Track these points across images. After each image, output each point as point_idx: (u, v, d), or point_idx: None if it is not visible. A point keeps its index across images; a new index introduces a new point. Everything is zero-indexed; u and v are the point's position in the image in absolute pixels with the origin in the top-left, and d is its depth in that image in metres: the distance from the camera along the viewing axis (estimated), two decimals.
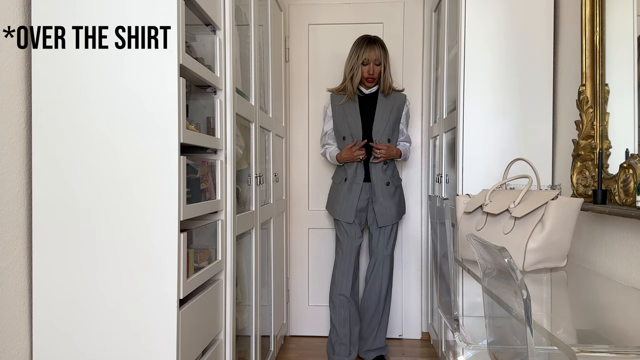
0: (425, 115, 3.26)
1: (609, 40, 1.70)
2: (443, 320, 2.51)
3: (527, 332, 0.94)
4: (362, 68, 2.76)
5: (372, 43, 2.76)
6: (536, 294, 1.37)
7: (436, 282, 1.86)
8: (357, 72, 2.76)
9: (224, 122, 1.81)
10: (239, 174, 2.08)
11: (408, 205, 3.23)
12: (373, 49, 2.74)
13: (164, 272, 1.40)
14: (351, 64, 2.78)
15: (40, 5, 1.41)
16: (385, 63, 2.78)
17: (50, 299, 1.42)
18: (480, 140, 2.22)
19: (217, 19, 1.74)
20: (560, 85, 2.14)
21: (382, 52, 2.76)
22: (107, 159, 1.41)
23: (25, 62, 1.43)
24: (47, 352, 1.43)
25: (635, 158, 1.48)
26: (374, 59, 2.74)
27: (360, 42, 2.78)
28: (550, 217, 1.53)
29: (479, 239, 1.15)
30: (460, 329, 1.53)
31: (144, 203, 1.40)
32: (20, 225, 1.41)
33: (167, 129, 1.39)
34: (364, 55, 2.74)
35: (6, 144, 1.36)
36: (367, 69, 2.76)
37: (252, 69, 2.27)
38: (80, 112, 1.41)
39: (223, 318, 1.83)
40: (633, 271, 1.52)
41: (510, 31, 2.20)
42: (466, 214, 1.84)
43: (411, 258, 3.28)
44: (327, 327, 3.25)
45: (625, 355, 0.91)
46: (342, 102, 2.84)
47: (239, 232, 2.00)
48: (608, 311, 1.29)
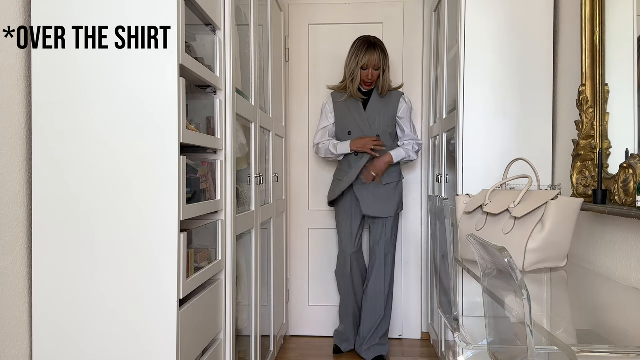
0: (425, 115, 3.25)
1: (609, 40, 1.70)
2: (443, 320, 2.51)
3: (527, 332, 0.94)
4: (361, 72, 2.77)
5: (372, 47, 2.75)
6: (536, 294, 1.37)
7: (436, 282, 1.86)
8: (357, 76, 2.78)
9: (224, 122, 1.81)
10: (239, 174, 2.08)
11: (408, 205, 3.23)
12: (373, 54, 2.74)
13: (164, 272, 1.40)
14: (351, 67, 2.79)
15: (40, 5, 1.41)
16: (384, 67, 2.78)
17: (50, 299, 1.42)
18: (480, 140, 2.22)
19: (217, 19, 1.74)
20: (560, 85, 2.14)
21: (381, 56, 2.76)
22: (107, 158, 1.41)
23: (25, 62, 1.43)
24: (47, 352, 1.43)
25: (635, 158, 1.48)
26: (373, 64, 2.75)
27: (360, 46, 2.77)
28: (550, 217, 1.53)
29: (479, 239, 1.15)
30: (460, 329, 1.53)
31: (144, 203, 1.40)
32: (20, 225, 1.41)
33: (167, 129, 1.39)
34: (364, 60, 2.73)
35: (6, 144, 1.36)
36: (366, 74, 2.77)
37: (252, 69, 2.27)
38: (81, 112, 1.41)
39: (223, 318, 1.83)
40: (633, 271, 1.52)
41: (510, 31, 2.20)
42: (466, 214, 1.84)
43: (411, 258, 3.28)
44: (328, 327, 3.25)
45: (625, 355, 0.91)
46: (344, 99, 2.86)
47: (239, 232, 2.00)
48: (608, 311, 1.29)
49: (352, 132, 2.85)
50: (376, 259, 2.88)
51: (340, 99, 2.88)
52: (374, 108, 2.85)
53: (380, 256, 2.87)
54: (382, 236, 2.87)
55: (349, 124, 2.86)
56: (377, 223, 2.88)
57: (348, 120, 2.87)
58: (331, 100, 2.94)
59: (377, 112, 2.85)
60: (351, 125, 2.86)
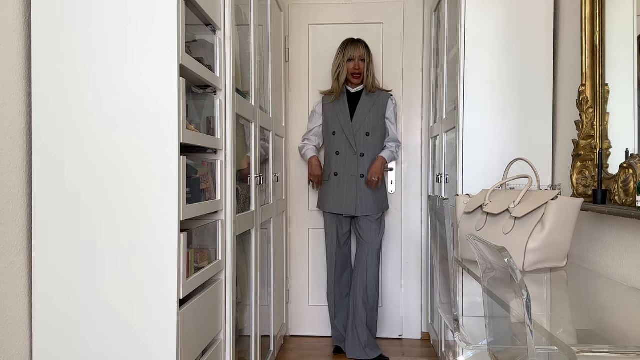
0: (425, 115, 3.26)
1: (609, 40, 1.70)
2: (443, 320, 2.52)
3: (527, 332, 0.94)
4: (347, 65, 2.92)
5: (355, 42, 2.95)
6: (536, 294, 1.37)
7: (436, 282, 1.86)
8: (343, 69, 2.93)
9: (224, 122, 1.81)
10: (239, 174, 2.08)
11: (408, 205, 3.23)
12: (357, 46, 2.93)
13: (164, 272, 1.40)
14: (337, 63, 2.96)
15: (40, 5, 1.41)
16: (368, 61, 2.95)
17: (50, 299, 1.42)
18: (480, 140, 2.22)
19: (217, 19, 1.74)
20: (560, 85, 2.14)
21: (365, 50, 2.94)
22: (106, 158, 1.41)
23: (25, 62, 1.43)
24: (47, 352, 1.43)
25: (635, 158, 1.48)
26: (359, 55, 2.92)
27: (344, 43, 2.98)
28: (550, 217, 1.53)
29: (479, 239, 1.15)
30: (460, 329, 1.53)
31: (144, 203, 1.40)
32: (20, 225, 1.41)
33: (167, 129, 1.39)
34: (349, 53, 2.92)
35: (6, 144, 1.36)
36: (353, 65, 2.92)
37: (252, 69, 2.27)
38: (81, 112, 1.41)
39: (223, 318, 1.83)
40: (633, 271, 1.52)
41: (510, 31, 2.20)
42: (466, 214, 1.84)
43: (411, 258, 3.28)
44: (328, 327, 3.25)
45: (625, 355, 0.91)
46: (331, 100, 2.99)
47: (239, 232, 2.00)
48: (608, 311, 1.29)
49: (336, 132, 2.96)
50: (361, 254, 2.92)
51: (328, 101, 3.02)
52: (364, 108, 2.93)
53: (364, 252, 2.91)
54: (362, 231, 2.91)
55: (334, 125, 2.97)
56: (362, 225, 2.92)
57: (333, 122, 2.98)
58: (321, 103, 3.08)
59: (367, 112, 2.93)
60: (335, 126, 2.97)
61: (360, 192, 2.89)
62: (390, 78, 3.26)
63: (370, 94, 2.95)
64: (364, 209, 2.88)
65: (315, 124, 3.09)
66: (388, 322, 3.28)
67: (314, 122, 3.09)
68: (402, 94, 3.26)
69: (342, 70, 2.92)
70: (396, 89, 3.25)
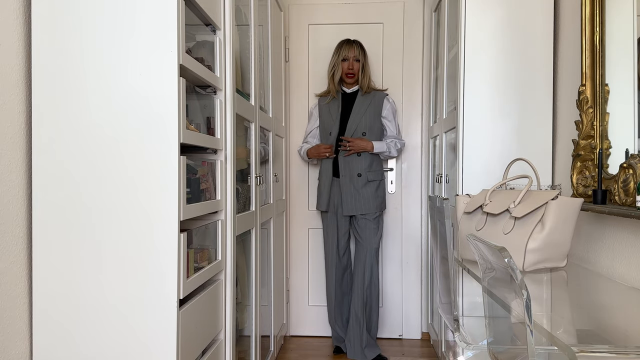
0: (425, 115, 3.26)
1: (609, 40, 1.70)
2: (443, 320, 2.52)
3: (527, 332, 0.94)
4: (342, 64, 2.94)
5: (350, 42, 2.97)
6: (536, 294, 1.37)
7: (436, 282, 1.86)
8: (338, 69, 2.95)
9: (224, 122, 1.81)
10: (239, 174, 2.08)
11: (408, 205, 3.23)
12: (352, 47, 2.95)
13: (164, 272, 1.40)
14: (332, 62, 2.98)
15: (40, 5, 1.41)
16: (363, 61, 2.96)
17: (50, 299, 1.42)
18: (480, 140, 2.22)
19: (217, 19, 1.74)
20: (560, 85, 2.14)
21: (360, 51, 2.96)
22: (106, 159, 1.41)
23: (25, 62, 1.43)
24: (47, 352, 1.43)
25: (635, 158, 1.48)
26: (353, 55, 2.93)
27: (339, 44, 3.00)
28: (550, 217, 1.53)
29: (479, 239, 1.15)
30: (460, 329, 1.53)
31: (144, 203, 1.40)
32: (20, 226, 1.41)
33: (167, 129, 1.39)
34: (344, 53, 2.94)
35: (6, 144, 1.36)
36: (347, 64, 2.94)
37: (252, 69, 2.27)
38: (81, 112, 1.41)
39: (223, 318, 1.83)
40: (633, 271, 1.52)
41: (511, 31, 2.20)
42: (466, 214, 1.84)
43: (411, 258, 3.28)
44: (328, 327, 3.25)
45: (625, 355, 0.91)
46: (327, 101, 3.01)
47: (239, 232, 2.00)
48: (608, 311, 1.29)
49: (332, 133, 2.98)
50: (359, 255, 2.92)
51: (324, 102, 3.05)
52: (359, 108, 2.94)
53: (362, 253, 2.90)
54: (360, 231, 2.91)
55: (330, 126, 2.99)
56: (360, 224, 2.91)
57: (329, 122, 2.99)
58: (317, 105, 3.11)
59: (363, 112, 2.94)
60: (331, 126, 2.97)
61: (358, 192, 2.89)
62: (390, 78, 3.26)
63: (365, 94, 2.96)
64: (361, 207, 2.88)
65: (312, 126, 3.12)
66: (388, 322, 3.28)
67: (311, 124, 3.13)
68: (402, 94, 3.26)
69: (337, 70, 2.95)
70: (396, 89, 3.25)
